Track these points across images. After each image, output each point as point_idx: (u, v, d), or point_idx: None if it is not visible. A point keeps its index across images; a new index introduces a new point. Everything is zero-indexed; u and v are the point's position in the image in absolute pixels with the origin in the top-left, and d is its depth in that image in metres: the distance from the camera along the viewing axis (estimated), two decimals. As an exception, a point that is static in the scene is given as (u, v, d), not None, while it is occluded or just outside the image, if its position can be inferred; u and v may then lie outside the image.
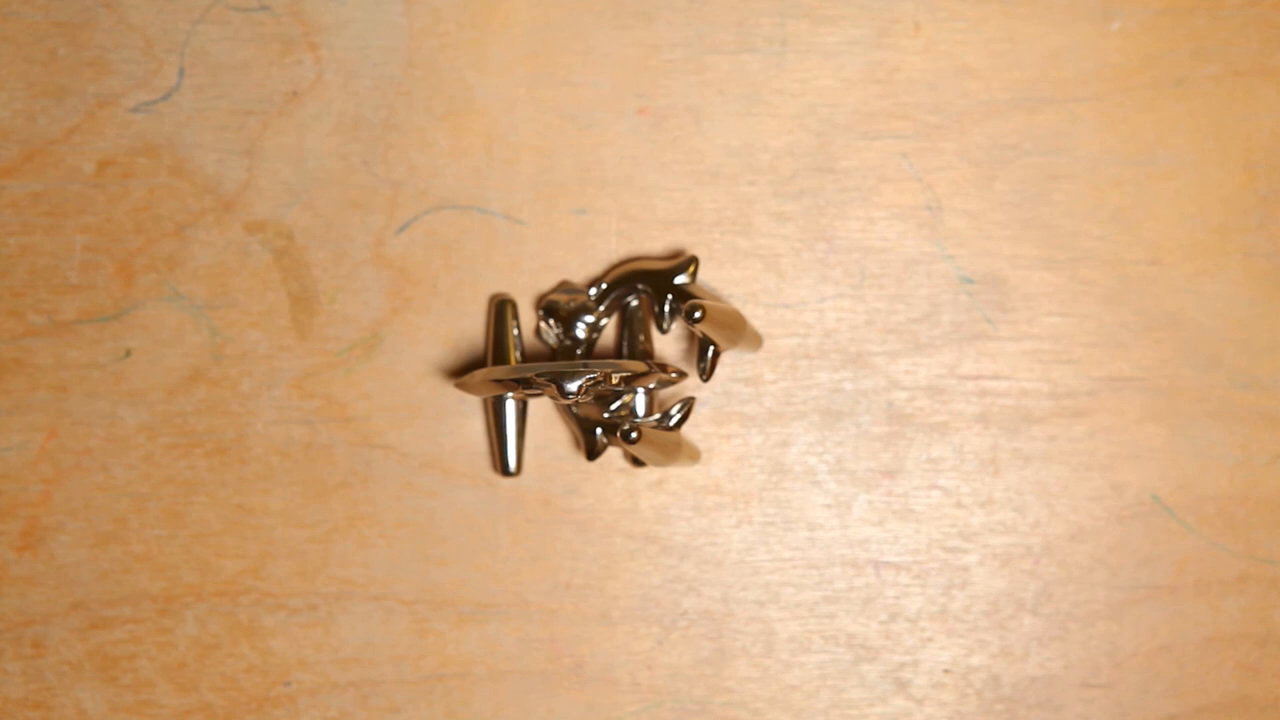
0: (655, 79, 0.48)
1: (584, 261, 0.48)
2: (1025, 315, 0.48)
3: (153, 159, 0.47)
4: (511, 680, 0.47)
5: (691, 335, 0.48)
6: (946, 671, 0.48)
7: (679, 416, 0.45)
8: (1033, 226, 0.48)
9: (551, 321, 0.47)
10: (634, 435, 0.42)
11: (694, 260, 0.46)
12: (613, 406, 0.45)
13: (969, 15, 0.48)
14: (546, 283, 0.48)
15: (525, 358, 0.47)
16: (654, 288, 0.46)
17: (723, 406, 0.48)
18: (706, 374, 0.45)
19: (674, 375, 0.45)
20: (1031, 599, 0.47)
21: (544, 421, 0.47)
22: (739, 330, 0.45)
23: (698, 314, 0.42)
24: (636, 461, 0.46)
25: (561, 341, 0.47)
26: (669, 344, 0.48)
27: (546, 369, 0.44)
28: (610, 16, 0.48)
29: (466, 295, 0.47)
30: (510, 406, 0.47)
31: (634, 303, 0.47)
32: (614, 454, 0.47)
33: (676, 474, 0.48)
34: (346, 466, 0.47)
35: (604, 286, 0.47)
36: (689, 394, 0.46)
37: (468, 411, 0.47)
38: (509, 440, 0.47)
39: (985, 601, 0.48)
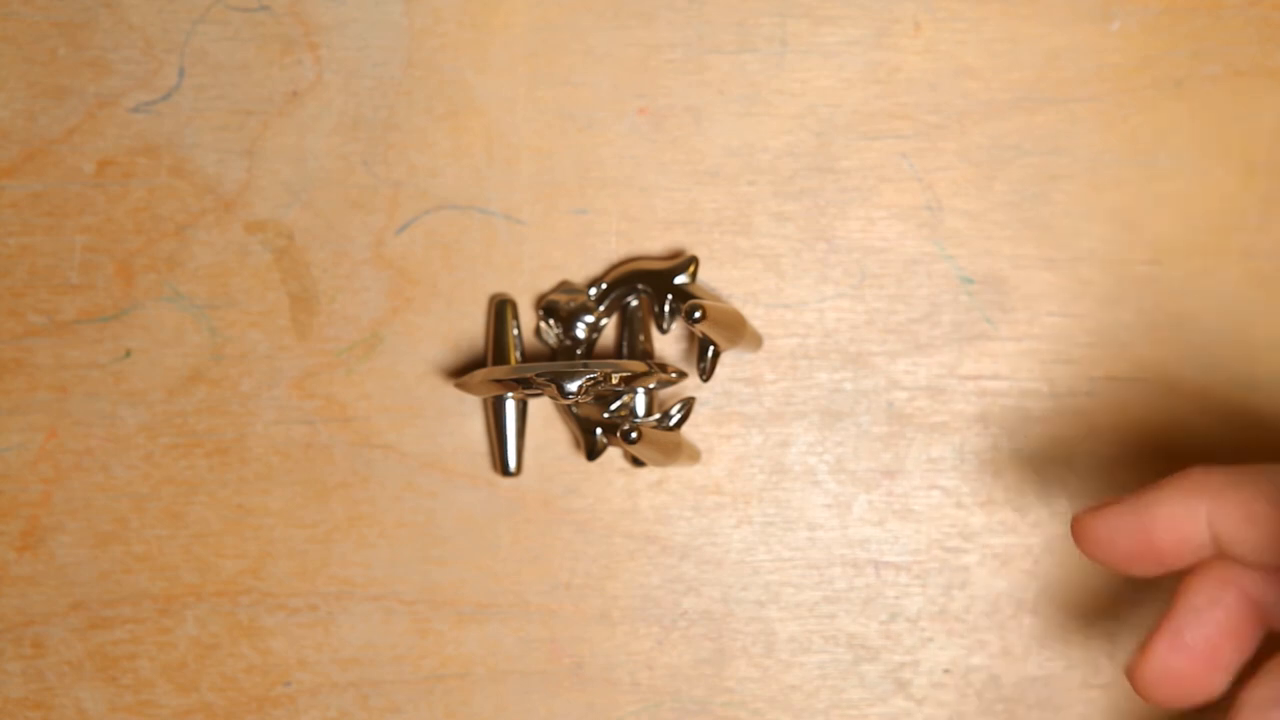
0: (655, 79, 0.48)
1: (584, 261, 0.48)
2: (1025, 315, 0.48)
3: (153, 159, 0.47)
4: (511, 680, 0.47)
5: (691, 335, 0.48)
6: (946, 671, 0.48)
7: (679, 416, 0.45)
8: (1033, 226, 0.48)
9: (551, 321, 0.47)
10: (634, 435, 0.42)
11: (694, 260, 0.46)
12: (613, 406, 0.45)
13: (969, 15, 0.48)
14: (546, 283, 0.48)
15: (525, 358, 0.47)
16: (654, 288, 0.46)
17: (723, 406, 0.48)
18: (706, 374, 0.45)
19: (674, 375, 0.45)
20: (1031, 599, 0.47)
21: (544, 421, 0.47)
22: (739, 330, 0.45)
23: (698, 314, 0.42)
24: (636, 461, 0.46)
25: (561, 341, 0.47)
26: (669, 344, 0.48)
27: (546, 369, 0.44)
28: (610, 16, 0.48)
29: (466, 295, 0.47)
30: (510, 406, 0.47)
31: (634, 303, 0.47)
32: (614, 454, 0.47)
33: (676, 474, 0.48)
34: (346, 466, 0.47)
35: (604, 286, 0.47)
36: (689, 394, 0.46)
37: (468, 411, 0.47)
38: (509, 440, 0.47)
39: (985, 601, 0.48)
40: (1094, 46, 0.48)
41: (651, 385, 0.45)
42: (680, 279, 0.46)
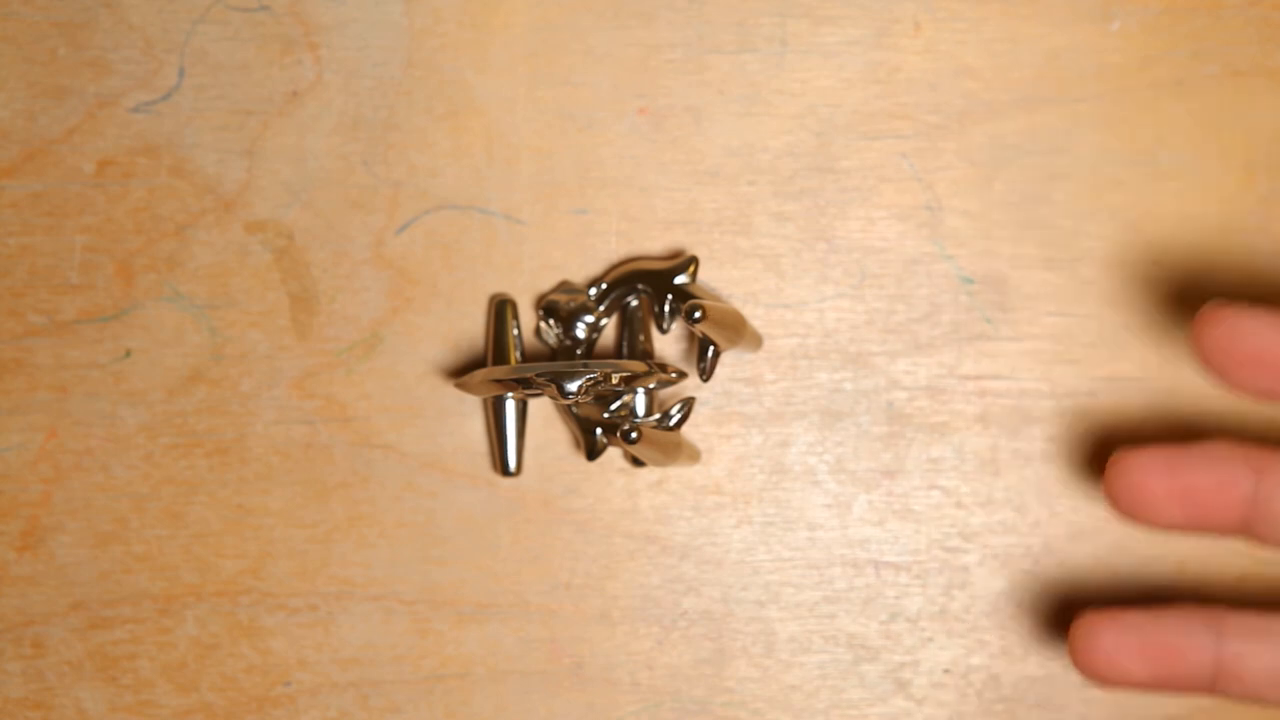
0: (655, 79, 0.48)
1: (584, 261, 0.48)
2: (1025, 315, 0.48)
3: (153, 159, 0.47)
4: (511, 680, 0.47)
5: (691, 335, 0.48)
6: (946, 671, 0.48)
7: (679, 416, 0.45)
8: (1033, 226, 0.48)
9: (551, 321, 0.47)
10: (634, 435, 0.42)
11: (694, 260, 0.46)
12: (613, 406, 0.45)
13: (969, 15, 0.48)
14: (546, 283, 0.48)
15: (525, 358, 0.47)
16: (654, 288, 0.46)
17: (723, 406, 0.48)
18: (706, 374, 0.45)
19: (674, 375, 0.45)
20: (1031, 599, 0.47)
21: (544, 421, 0.47)
22: (739, 330, 0.45)
23: (698, 314, 0.42)
24: (636, 461, 0.46)
25: (561, 341, 0.47)
26: (669, 344, 0.48)
27: (546, 369, 0.44)
28: (610, 16, 0.48)
29: (466, 295, 0.47)
30: (510, 406, 0.47)
31: (634, 303, 0.47)
32: (614, 454, 0.47)
33: (676, 474, 0.48)
34: (346, 466, 0.47)
35: (604, 286, 0.47)
36: (689, 394, 0.46)
37: (468, 411, 0.47)
38: (509, 440, 0.47)
39: (985, 601, 0.48)
40: (1094, 46, 0.48)
41: (651, 385, 0.45)
42: (680, 279, 0.46)
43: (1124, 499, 0.41)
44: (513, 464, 0.47)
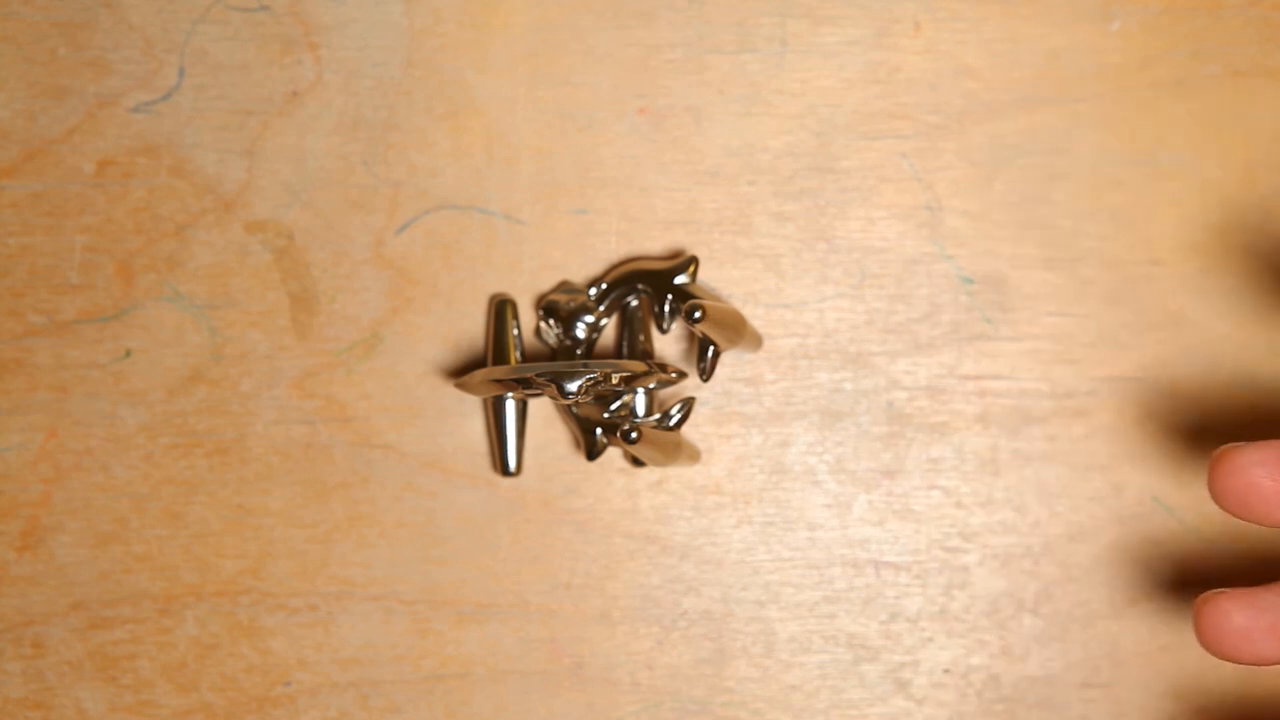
0: (655, 79, 0.48)
1: (584, 261, 0.48)
2: (1025, 315, 0.48)
3: (153, 159, 0.47)
4: (511, 680, 0.47)
5: (691, 335, 0.48)
6: (946, 671, 0.48)
7: (679, 416, 0.45)
8: (1033, 226, 0.48)
9: (551, 321, 0.47)
10: (634, 435, 0.42)
11: (694, 260, 0.46)
12: (613, 406, 0.45)
13: (969, 15, 0.48)
14: (546, 283, 0.48)
15: (525, 358, 0.47)
16: (654, 288, 0.46)
17: (723, 406, 0.48)
18: (706, 374, 0.45)
19: (674, 375, 0.45)
20: (1031, 599, 0.47)
21: (544, 421, 0.47)
22: (739, 330, 0.45)
23: (698, 314, 0.42)
24: (636, 461, 0.46)
25: (561, 341, 0.47)
26: (669, 344, 0.48)
27: (546, 369, 0.44)
28: (610, 16, 0.48)
29: (466, 295, 0.47)
30: (510, 406, 0.47)
31: (634, 303, 0.47)
32: (614, 454, 0.47)
33: (676, 474, 0.48)
34: (346, 466, 0.47)
35: (604, 286, 0.47)
36: (689, 394, 0.46)
37: (468, 411, 0.47)
38: (509, 440, 0.47)
39: (985, 601, 0.48)
40: (1094, 46, 0.48)
41: (651, 385, 0.45)
42: (680, 279, 0.46)
43: (1233, 497, 0.38)
44: (513, 464, 0.47)
